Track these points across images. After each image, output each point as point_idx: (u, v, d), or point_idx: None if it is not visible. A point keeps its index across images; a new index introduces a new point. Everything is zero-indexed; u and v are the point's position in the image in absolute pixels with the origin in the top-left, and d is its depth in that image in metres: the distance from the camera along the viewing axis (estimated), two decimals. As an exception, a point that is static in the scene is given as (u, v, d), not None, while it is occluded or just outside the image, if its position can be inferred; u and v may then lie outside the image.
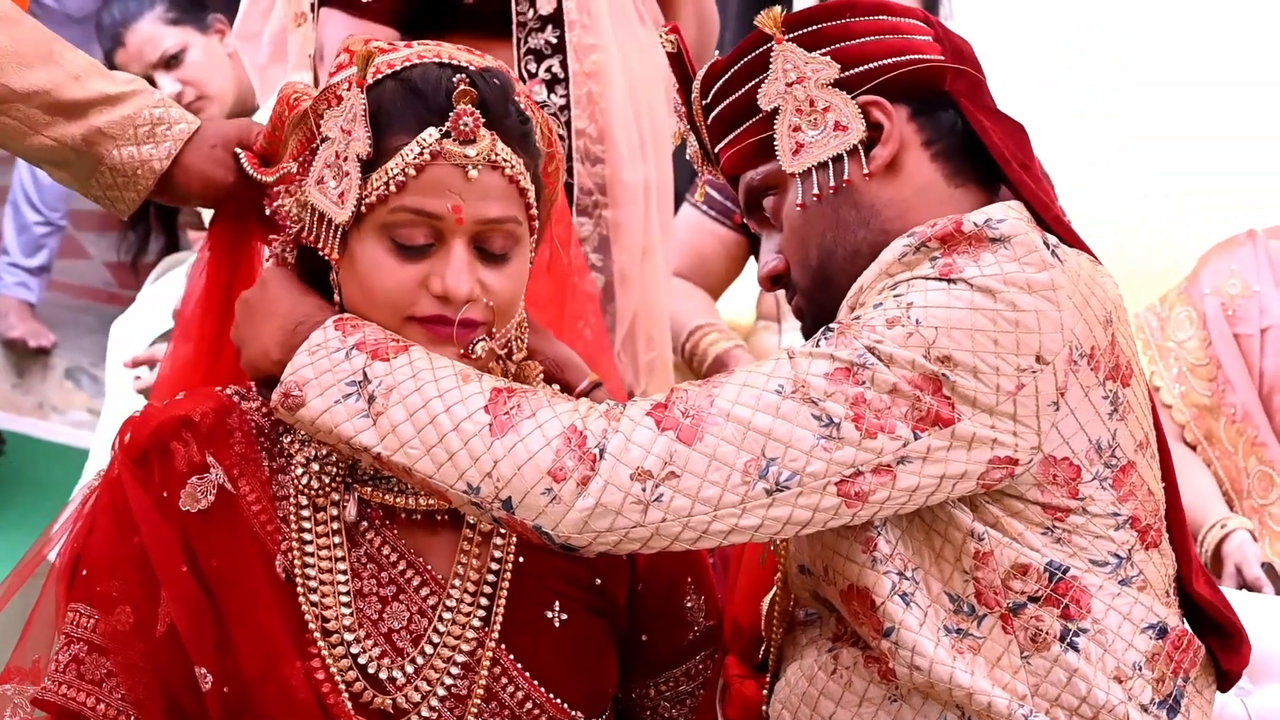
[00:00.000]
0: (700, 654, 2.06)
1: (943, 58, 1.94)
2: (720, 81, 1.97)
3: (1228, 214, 3.73)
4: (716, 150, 1.99)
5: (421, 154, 1.83)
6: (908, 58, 1.92)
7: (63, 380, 5.50)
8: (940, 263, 1.80)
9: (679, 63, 2.00)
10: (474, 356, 1.86)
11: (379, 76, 1.86)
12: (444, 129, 1.83)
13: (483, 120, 1.83)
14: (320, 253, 1.89)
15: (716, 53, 1.99)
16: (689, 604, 2.04)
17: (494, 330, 1.88)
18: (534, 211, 1.90)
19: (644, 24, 2.93)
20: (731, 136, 1.97)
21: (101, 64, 2.09)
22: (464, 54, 1.89)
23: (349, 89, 1.85)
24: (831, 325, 1.81)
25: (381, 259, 1.85)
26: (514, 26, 2.74)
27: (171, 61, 3.91)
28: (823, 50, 1.91)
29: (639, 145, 2.87)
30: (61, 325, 5.52)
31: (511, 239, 1.87)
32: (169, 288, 3.68)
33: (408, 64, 1.87)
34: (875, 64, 1.91)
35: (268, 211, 1.98)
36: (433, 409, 1.77)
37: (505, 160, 1.85)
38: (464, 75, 1.84)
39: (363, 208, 1.84)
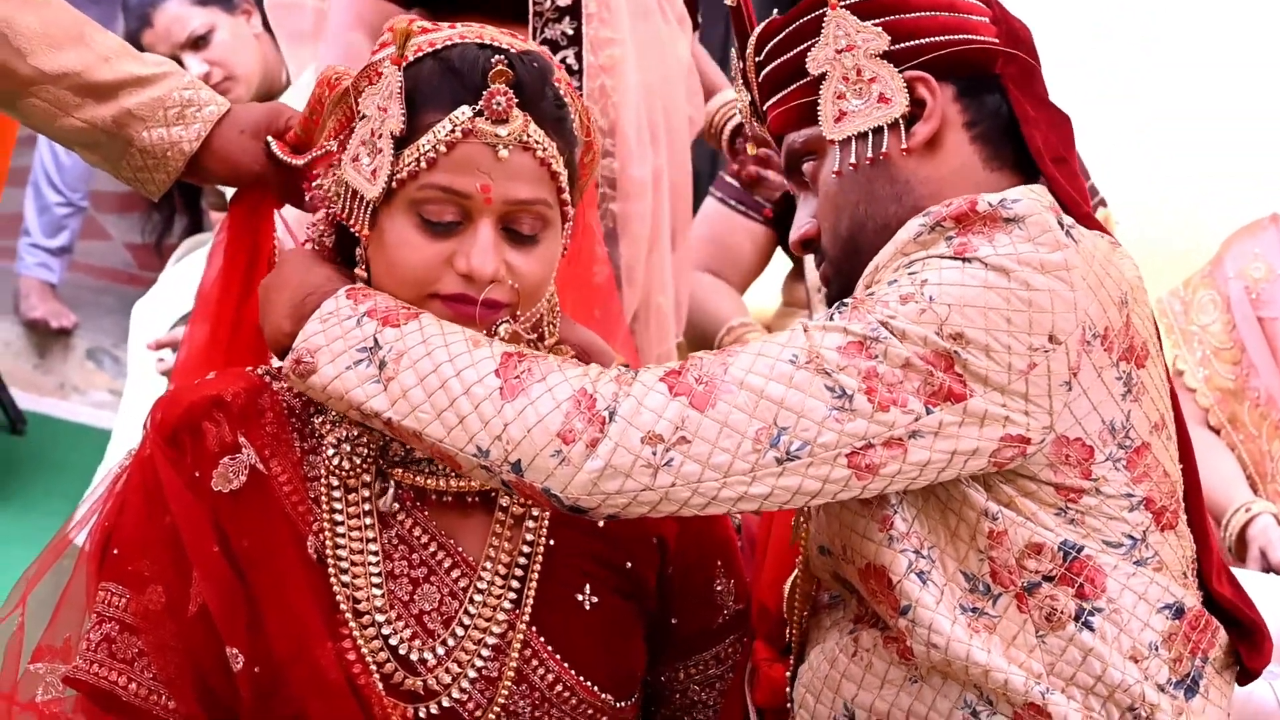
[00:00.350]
0: (729, 637, 2.06)
1: (996, 40, 1.93)
2: (774, 41, 1.97)
3: (1250, 195, 3.72)
4: (765, 109, 2.00)
5: (453, 131, 1.83)
6: (960, 37, 1.92)
7: (84, 361, 5.50)
8: (955, 242, 1.80)
9: (739, 18, 2.01)
10: (497, 338, 1.85)
11: (420, 54, 1.85)
12: (477, 107, 1.83)
13: (516, 101, 1.83)
14: (351, 229, 1.89)
15: (775, 11, 1.99)
16: (719, 587, 2.04)
17: (518, 313, 1.88)
18: (566, 196, 1.89)
19: (665, 19, 2.92)
20: (779, 97, 1.97)
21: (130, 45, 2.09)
22: (506, 36, 1.89)
23: (388, 66, 1.85)
24: (846, 300, 1.82)
25: (409, 235, 1.85)
26: (530, 15, 2.74)
27: (199, 42, 3.90)
28: (876, 20, 1.91)
29: (650, 140, 2.87)
30: (83, 306, 5.53)
31: (541, 221, 1.87)
32: (191, 269, 3.68)
33: (449, 43, 1.87)
34: (926, 40, 1.91)
35: (307, 197, 1.98)
36: (443, 373, 1.77)
37: (537, 142, 1.84)
38: (502, 56, 1.83)
39: (393, 184, 1.84)
